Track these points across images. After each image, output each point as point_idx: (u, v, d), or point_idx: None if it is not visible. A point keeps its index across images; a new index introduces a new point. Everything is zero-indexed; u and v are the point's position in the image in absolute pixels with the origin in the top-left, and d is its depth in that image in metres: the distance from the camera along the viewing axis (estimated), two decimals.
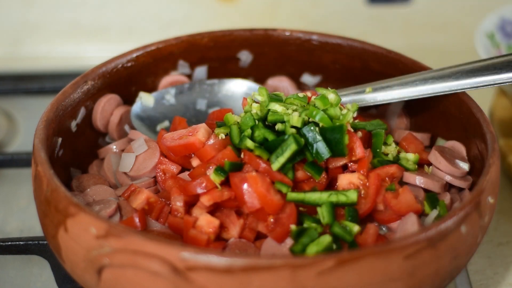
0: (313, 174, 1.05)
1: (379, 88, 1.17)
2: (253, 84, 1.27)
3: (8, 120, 1.56)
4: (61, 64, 1.71)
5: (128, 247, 0.91)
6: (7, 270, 1.21)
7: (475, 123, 1.10)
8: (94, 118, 1.20)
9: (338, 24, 1.80)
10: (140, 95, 1.24)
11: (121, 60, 1.22)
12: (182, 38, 1.26)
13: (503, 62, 1.10)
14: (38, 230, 1.13)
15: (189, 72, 1.28)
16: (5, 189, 1.38)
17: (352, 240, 1.01)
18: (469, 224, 0.97)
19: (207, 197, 1.02)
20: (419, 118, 1.23)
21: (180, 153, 1.09)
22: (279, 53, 1.29)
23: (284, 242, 1.00)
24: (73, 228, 0.95)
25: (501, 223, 1.30)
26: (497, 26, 1.49)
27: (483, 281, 1.19)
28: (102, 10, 1.79)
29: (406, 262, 0.91)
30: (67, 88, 1.14)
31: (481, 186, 1.00)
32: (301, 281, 0.88)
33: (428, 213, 1.06)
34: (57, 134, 1.11)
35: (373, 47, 1.25)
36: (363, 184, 1.05)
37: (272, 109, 1.07)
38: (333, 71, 1.28)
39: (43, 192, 1.00)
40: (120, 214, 1.07)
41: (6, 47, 1.77)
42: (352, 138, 1.06)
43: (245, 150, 1.05)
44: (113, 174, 1.15)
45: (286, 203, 1.02)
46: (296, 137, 1.03)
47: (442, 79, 1.12)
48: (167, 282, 0.90)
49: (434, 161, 1.11)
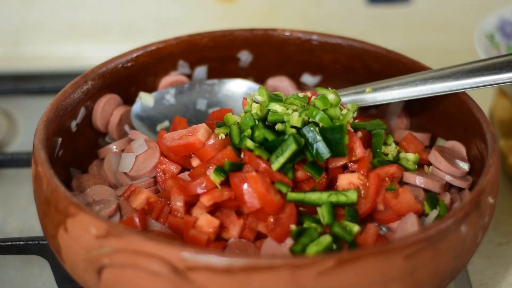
0: (313, 174, 1.05)
1: (379, 88, 1.17)
2: (253, 84, 1.27)
3: (8, 120, 1.56)
4: (61, 64, 1.71)
5: (128, 247, 0.91)
6: (7, 270, 1.21)
7: (475, 123, 1.10)
8: (94, 118, 1.20)
9: (338, 24, 1.80)
10: (140, 95, 1.24)
11: (121, 60, 1.22)
12: (182, 38, 1.26)
13: (503, 62, 1.10)
14: (38, 230, 1.13)
15: (189, 72, 1.28)
16: (5, 189, 1.38)
17: (352, 240, 1.01)
18: (469, 224, 0.97)
19: (207, 197, 1.02)
20: (419, 118, 1.23)
21: (180, 153, 1.09)
22: (279, 53, 1.29)
23: (284, 242, 1.00)
24: (73, 228, 0.95)
25: (501, 223, 1.30)
26: (497, 27, 1.49)
27: (483, 281, 1.19)
28: (102, 10, 1.79)
29: (406, 262, 0.91)
30: (67, 88, 1.14)
31: (481, 186, 1.00)
32: (301, 281, 0.88)
33: (428, 213, 1.06)
34: (57, 134, 1.11)
35: (373, 47, 1.25)
36: (363, 184, 1.05)
37: (272, 109, 1.07)
38: (333, 71, 1.28)
39: (43, 192, 1.00)
40: (120, 214, 1.07)
41: (6, 47, 1.77)
42: (352, 138, 1.06)
43: (245, 150, 1.05)
44: (113, 174, 1.15)
45: (286, 203, 1.02)
46: (296, 137, 1.03)
47: (442, 79, 1.12)
48: (167, 282, 0.90)
49: (434, 161, 1.11)
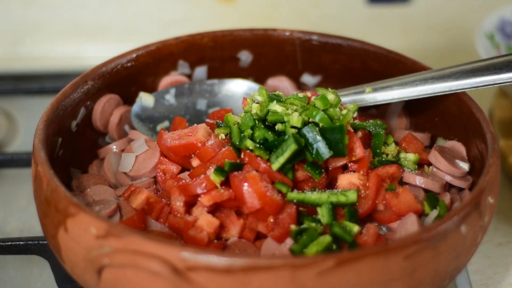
0: (313, 174, 1.05)
1: (379, 88, 1.17)
2: (253, 84, 1.27)
3: (8, 120, 1.56)
4: (61, 64, 1.71)
5: (128, 247, 0.91)
6: (7, 270, 1.21)
7: (475, 123, 1.10)
8: (94, 118, 1.20)
9: (338, 24, 1.80)
10: (140, 95, 1.24)
11: (121, 60, 1.22)
12: (182, 38, 1.26)
13: (503, 62, 1.10)
14: (38, 230, 1.13)
15: (189, 72, 1.28)
16: (5, 189, 1.38)
17: (352, 240, 1.01)
18: (469, 224, 0.97)
19: (207, 197, 1.02)
20: (419, 118, 1.23)
21: (180, 153, 1.09)
22: (279, 53, 1.29)
23: (284, 242, 1.00)
24: (73, 228, 0.95)
25: (501, 223, 1.30)
26: (497, 27, 1.49)
27: (483, 281, 1.19)
28: (102, 10, 1.79)
29: (406, 262, 0.91)
30: (67, 88, 1.14)
31: (481, 186, 1.00)
32: (301, 281, 0.88)
33: (428, 213, 1.06)
34: (57, 134, 1.11)
35: (373, 47, 1.25)
36: (363, 184, 1.05)
37: (272, 109, 1.07)
38: (333, 71, 1.28)
39: (43, 192, 1.00)
40: (120, 214, 1.07)
41: (6, 47, 1.77)
42: (352, 138, 1.06)
43: (245, 150, 1.05)
44: (113, 174, 1.15)
45: (286, 203, 1.02)
46: (296, 137, 1.03)
47: (442, 79, 1.12)
48: (167, 282, 0.90)
49: (434, 161, 1.11)
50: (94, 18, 1.79)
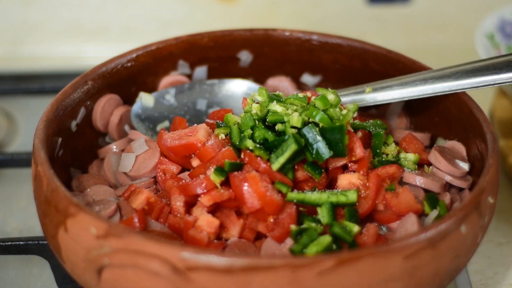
0: (313, 174, 1.05)
1: (379, 88, 1.17)
2: (253, 84, 1.27)
3: (8, 120, 1.56)
4: (61, 64, 1.71)
5: (128, 247, 0.91)
6: (7, 270, 1.21)
7: (475, 123, 1.10)
8: (94, 118, 1.20)
9: (338, 24, 1.80)
10: (140, 95, 1.24)
11: (121, 60, 1.22)
12: (182, 38, 1.26)
13: (503, 62, 1.10)
14: (38, 230, 1.13)
15: (189, 72, 1.28)
16: (5, 189, 1.38)
17: (352, 240, 1.01)
18: (469, 224, 0.97)
19: (207, 197, 1.02)
20: (419, 118, 1.23)
21: (180, 153, 1.09)
22: (279, 53, 1.29)
23: (284, 242, 1.00)
24: (73, 228, 0.95)
25: (501, 223, 1.30)
26: (497, 27, 1.49)
27: (483, 281, 1.19)
28: (102, 10, 1.79)
29: (406, 262, 0.91)
30: (67, 88, 1.14)
31: (481, 186, 1.00)
32: (301, 281, 0.88)
33: (428, 213, 1.06)
34: (57, 134, 1.11)
35: (373, 47, 1.25)
36: (363, 184, 1.05)
37: (272, 109, 1.07)
38: (333, 71, 1.28)
39: (43, 192, 1.00)
40: (120, 214, 1.07)
41: (6, 47, 1.77)
42: (352, 138, 1.06)
43: (245, 150, 1.05)
44: (113, 174, 1.15)
45: (286, 203, 1.02)
46: (296, 137, 1.03)
47: (442, 79, 1.12)
48: (167, 282, 0.90)
49: (434, 161, 1.11)
50: (94, 18, 1.79)
